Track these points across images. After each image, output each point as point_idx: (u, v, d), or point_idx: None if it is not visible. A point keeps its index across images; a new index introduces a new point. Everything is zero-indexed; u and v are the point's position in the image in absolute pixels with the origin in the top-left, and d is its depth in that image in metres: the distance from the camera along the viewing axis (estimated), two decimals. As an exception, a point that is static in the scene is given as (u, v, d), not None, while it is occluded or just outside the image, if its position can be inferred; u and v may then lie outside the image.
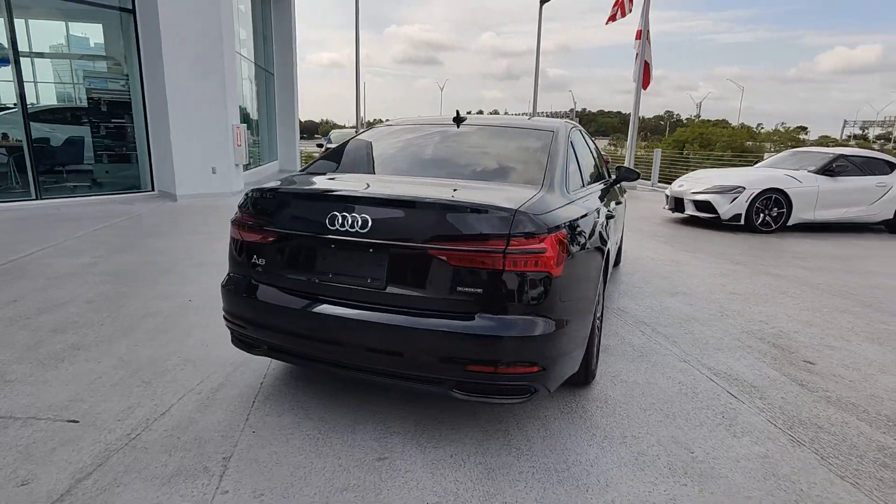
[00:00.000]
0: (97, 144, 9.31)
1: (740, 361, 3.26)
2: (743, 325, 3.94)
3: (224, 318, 2.58)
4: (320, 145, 15.64)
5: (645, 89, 15.34)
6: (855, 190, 8.25)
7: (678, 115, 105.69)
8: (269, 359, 3.05)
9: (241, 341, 2.54)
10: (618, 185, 4.35)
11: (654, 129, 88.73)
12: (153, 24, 8.65)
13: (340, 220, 2.13)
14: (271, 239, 2.33)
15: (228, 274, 2.57)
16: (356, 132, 14.13)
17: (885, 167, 8.52)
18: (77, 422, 2.39)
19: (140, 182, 9.66)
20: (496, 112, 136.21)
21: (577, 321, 2.27)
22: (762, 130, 69.35)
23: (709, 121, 60.49)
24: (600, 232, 2.74)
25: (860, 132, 73.60)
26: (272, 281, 2.35)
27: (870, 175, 8.37)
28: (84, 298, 4.04)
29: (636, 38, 15.19)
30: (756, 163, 10.99)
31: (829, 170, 8.26)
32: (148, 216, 7.81)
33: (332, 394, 2.71)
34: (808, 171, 8.32)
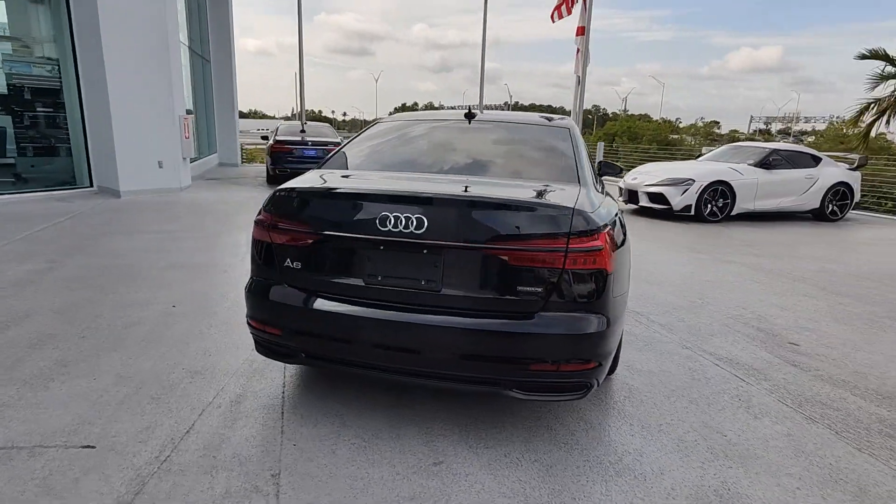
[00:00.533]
0: (22, 136, 8.41)
1: (735, 346, 3.48)
2: (724, 311, 4.20)
3: (250, 325, 2.43)
4: (265, 137, 15.04)
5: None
6: (788, 181, 8.98)
7: (604, 108, 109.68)
8: (285, 366, 2.91)
9: (270, 349, 2.41)
10: None
11: (584, 123, 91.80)
12: (90, 5, 7.89)
13: (393, 221, 2.05)
14: (310, 241, 2.20)
15: (254, 278, 2.42)
16: (302, 124, 13.62)
17: (811, 161, 9.33)
18: (93, 447, 2.18)
19: (76, 177, 8.84)
20: (431, 105, 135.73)
21: (622, 315, 2.33)
22: (681, 125, 73.91)
23: (634, 115, 63.58)
24: (625, 225, 2.82)
25: (764, 127, 79.59)
26: (312, 286, 2.23)
27: (799, 168, 9.14)
28: (51, 308, 3.66)
29: (577, 35, 15.62)
30: (698, 155, 11.68)
31: (766, 163, 8.94)
32: (93, 215, 7.18)
33: (361, 398, 2.62)
34: (748, 165, 8.97)
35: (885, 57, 12.97)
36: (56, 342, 3.13)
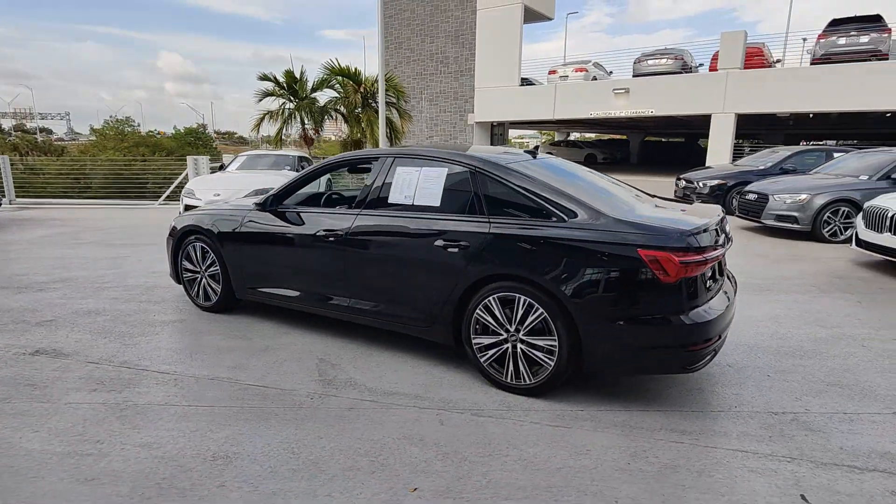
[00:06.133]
0: None
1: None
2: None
3: (698, 351, 2.70)
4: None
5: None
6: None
7: None
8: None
9: (704, 361, 2.77)
10: None
11: None
12: None
13: (718, 236, 2.95)
14: (706, 266, 2.76)
15: (678, 316, 2.66)
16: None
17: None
18: None
19: None
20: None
21: None
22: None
23: None
24: None
25: None
26: (703, 299, 2.78)
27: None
28: None
29: None
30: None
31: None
32: None
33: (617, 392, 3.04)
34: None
35: (275, 81, 16.54)
36: None
